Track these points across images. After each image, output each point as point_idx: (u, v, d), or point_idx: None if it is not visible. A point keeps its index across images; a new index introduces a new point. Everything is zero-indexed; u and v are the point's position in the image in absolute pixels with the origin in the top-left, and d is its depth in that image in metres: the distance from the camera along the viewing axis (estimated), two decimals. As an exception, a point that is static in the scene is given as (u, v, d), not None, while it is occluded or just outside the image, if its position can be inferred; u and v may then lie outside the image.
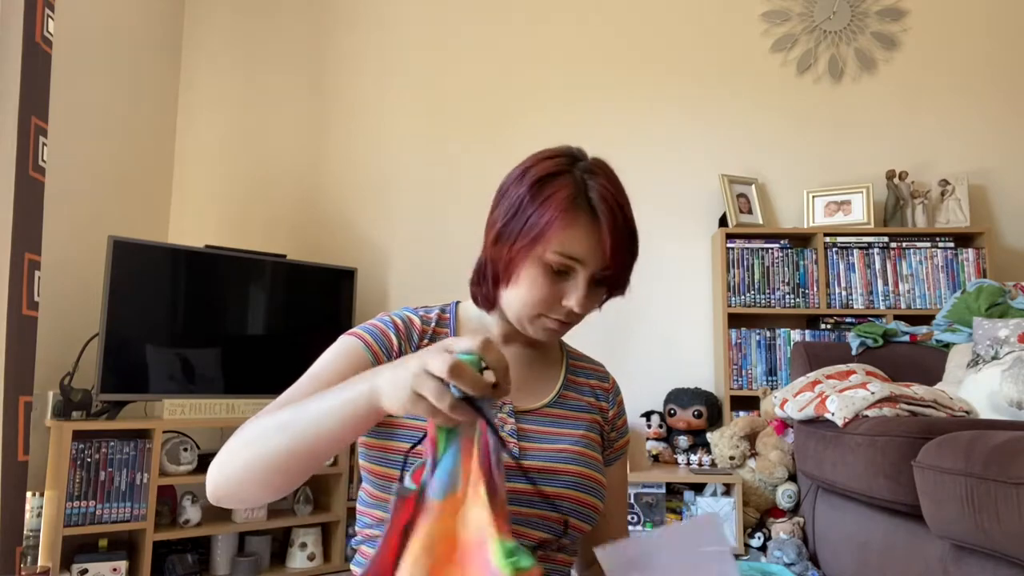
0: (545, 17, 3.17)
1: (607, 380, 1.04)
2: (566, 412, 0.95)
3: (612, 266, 0.86)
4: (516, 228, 0.86)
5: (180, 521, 2.32)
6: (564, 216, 0.83)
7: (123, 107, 2.78)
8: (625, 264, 0.89)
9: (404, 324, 0.92)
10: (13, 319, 1.78)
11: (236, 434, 0.76)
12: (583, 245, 0.84)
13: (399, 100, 3.16)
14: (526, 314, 0.88)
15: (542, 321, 0.88)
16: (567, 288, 0.86)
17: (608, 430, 1.00)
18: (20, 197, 1.81)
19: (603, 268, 0.86)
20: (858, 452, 1.73)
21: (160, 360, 2.39)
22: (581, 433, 0.93)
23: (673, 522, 2.51)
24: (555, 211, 0.83)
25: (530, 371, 0.97)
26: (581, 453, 0.90)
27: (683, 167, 3.05)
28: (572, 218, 0.84)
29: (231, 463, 0.74)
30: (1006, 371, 1.91)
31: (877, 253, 2.82)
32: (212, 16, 3.19)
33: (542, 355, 1.00)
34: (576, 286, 0.85)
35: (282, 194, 3.11)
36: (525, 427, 0.90)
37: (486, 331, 0.97)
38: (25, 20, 1.86)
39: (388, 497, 0.81)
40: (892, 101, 3.03)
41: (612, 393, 1.03)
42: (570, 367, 1.02)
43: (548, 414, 0.93)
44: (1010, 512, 1.16)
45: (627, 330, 2.96)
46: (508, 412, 0.90)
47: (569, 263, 0.84)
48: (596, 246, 0.84)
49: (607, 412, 1.00)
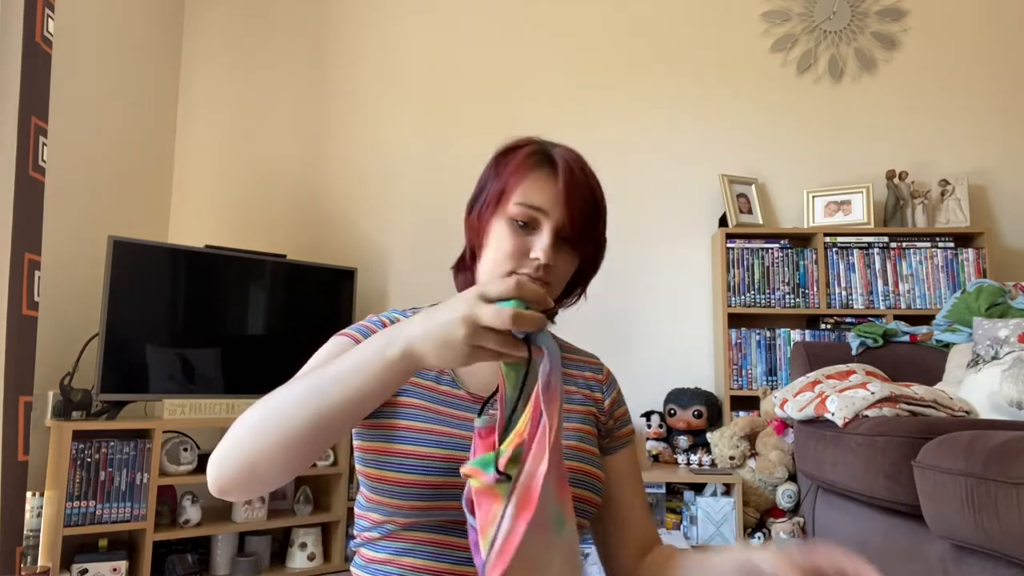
0: (545, 18, 3.17)
1: (601, 371, 1.03)
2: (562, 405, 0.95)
3: (572, 221, 0.87)
4: (484, 196, 0.92)
5: (180, 521, 2.32)
6: (525, 169, 0.89)
7: (123, 107, 2.78)
8: (587, 222, 0.90)
9: (392, 322, 0.93)
10: (13, 319, 1.78)
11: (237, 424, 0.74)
12: (543, 194, 0.87)
13: (399, 100, 3.16)
14: (500, 274, 0.88)
15: None
16: (533, 241, 0.87)
17: (605, 420, 0.98)
18: (20, 197, 1.81)
19: (566, 221, 0.87)
20: (858, 452, 1.73)
21: (160, 360, 2.39)
22: (575, 427, 0.92)
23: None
24: (516, 166, 0.90)
25: None
26: (575, 448, 0.89)
27: (683, 167, 3.06)
28: (533, 171, 0.89)
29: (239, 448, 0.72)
30: (1006, 371, 1.91)
31: (877, 253, 2.82)
32: (212, 16, 3.19)
33: None
34: (541, 237, 0.87)
35: (282, 194, 3.11)
36: None
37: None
38: (25, 20, 1.86)
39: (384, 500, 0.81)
40: (892, 101, 3.03)
41: (607, 384, 1.01)
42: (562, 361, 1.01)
43: None
44: (1010, 512, 1.16)
45: (627, 330, 2.96)
46: None
47: (532, 213, 0.87)
48: (557, 197, 0.87)
49: (602, 403, 0.99)
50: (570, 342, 1.06)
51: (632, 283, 3.00)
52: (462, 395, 0.88)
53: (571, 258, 0.92)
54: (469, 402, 0.88)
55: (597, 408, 0.98)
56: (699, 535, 2.43)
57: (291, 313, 2.70)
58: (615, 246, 1.04)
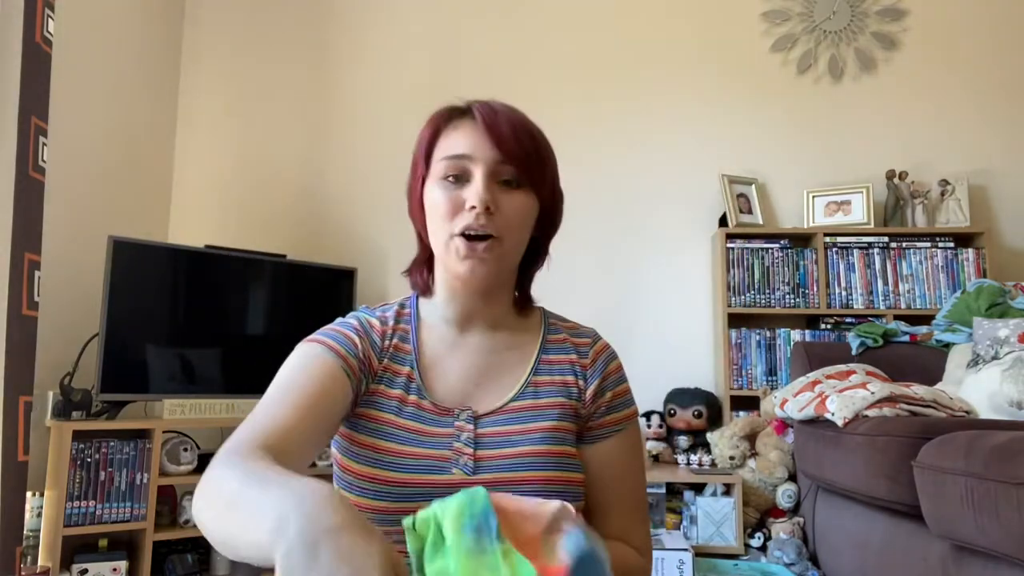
0: (546, 17, 3.17)
1: (587, 354, 0.91)
2: (536, 403, 0.87)
3: (508, 155, 0.81)
4: (412, 169, 0.90)
5: (180, 521, 2.32)
6: (439, 125, 0.86)
7: (123, 107, 2.78)
8: (526, 153, 0.83)
9: (362, 326, 0.89)
10: (13, 319, 1.78)
11: (205, 480, 0.64)
12: (465, 140, 0.83)
13: (400, 100, 3.16)
14: (442, 241, 0.83)
15: (455, 245, 0.82)
16: (468, 191, 0.82)
17: (585, 408, 0.88)
18: (20, 197, 1.81)
19: (498, 160, 0.82)
20: (858, 452, 1.73)
21: (160, 360, 2.39)
22: (550, 426, 0.85)
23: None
24: (430, 126, 0.87)
25: (498, 359, 0.90)
26: (546, 453, 0.83)
27: (683, 167, 3.05)
28: (449, 123, 0.86)
29: (207, 530, 0.61)
30: (1006, 371, 1.91)
31: (877, 253, 2.82)
32: (212, 16, 3.19)
33: (512, 338, 0.91)
34: (474, 182, 0.81)
35: (282, 194, 3.11)
36: (484, 432, 0.84)
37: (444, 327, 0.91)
38: (25, 20, 1.86)
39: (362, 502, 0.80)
40: (892, 101, 3.03)
41: (593, 368, 0.90)
42: (545, 345, 0.92)
43: (513, 410, 0.86)
44: (1010, 512, 1.16)
45: (627, 330, 2.96)
46: (466, 419, 0.85)
47: (458, 163, 0.82)
48: (480, 139, 0.82)
49: (584, 391, 0.89)
50: (566, 317, 0.98)
51: (632, 283, 3.00)
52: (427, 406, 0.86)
53: (522, 200, 0.84)
54: (434, 414, 0.85)
55: (576, 399, 0.88)
56: (699, 535, 2.43)
57: (291, 313, 2.70)
58: (615, 246, 1.05)
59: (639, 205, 3.03)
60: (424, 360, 0.89)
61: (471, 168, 0.82)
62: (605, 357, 0.92)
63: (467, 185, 0.82)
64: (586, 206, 2.97)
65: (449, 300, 0.90)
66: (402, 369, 0.88)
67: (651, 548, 0.93)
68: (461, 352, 0.90)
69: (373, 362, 0.87)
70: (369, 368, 0.86)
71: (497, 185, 0.82)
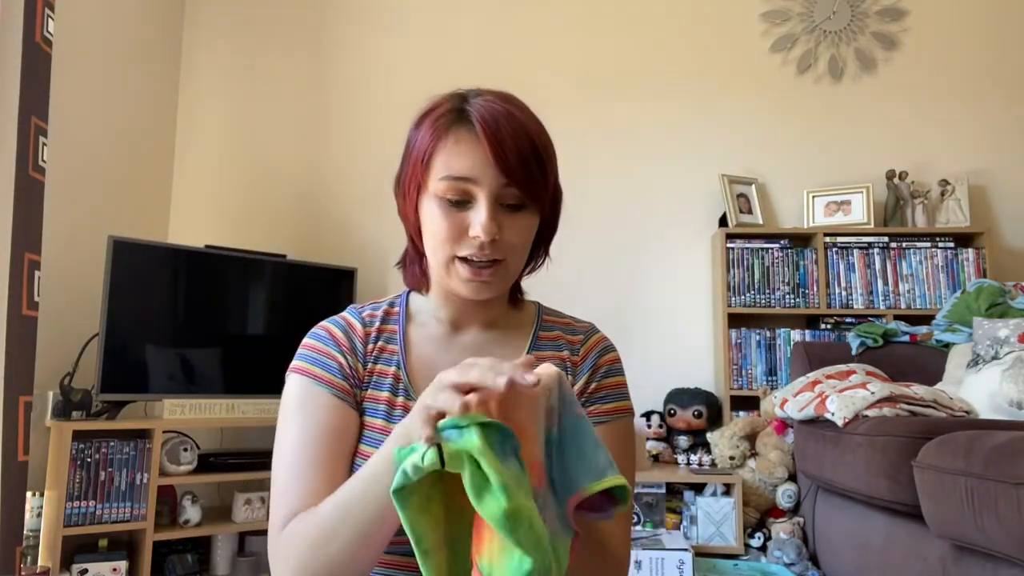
0: (546, 19, 3.17)
1: (578, 351, 0.90)
2: None
3: (512, 181, 0.76)
4: (404, 177, 0.84)
5: (180, 521, 2.32)
6: (439, 135, 0.78)
7: (123, 107, 2.77)
8: (531, 177, 0.78)
9: (344, 333, 0.88)
10: (13, 319, 1.78)
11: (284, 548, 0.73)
12: (468, 159, 0.76)
13: (400, 99, 3.15)
14: (441, 261, 0.80)
15: (456, 268, 0.80)
16: (471, 216, 0.77)
17: None
18: (20, 197, 1.81)
19: (503, 184, 0.76)
20: (858, 452, 1.73)
21: (160, 360, 2.39)
22: None
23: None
24: (428, 134, 0.79)
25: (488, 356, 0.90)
26: None
27: (683, 167, 3.05)
28: (448, 134, 0.78)
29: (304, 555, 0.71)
30: (1006, 371, 1.91)
31: (877, 253, 2.82)
32: (212, 16, 3.19)
33: (506, 335, 0.90)
34: (478, 211, 0.76)
35: (282, 194, 3.11)
36: None
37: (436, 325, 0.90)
38: (25, 20, 1.85)
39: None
40: (892, 101, 3.03)
41: (583, 364, 0.89)
42: (536, 342, 0.90)
43: None
44: (1010, 512, 1.16)
45: (627, 330, 2.96)
46: None
47: (461, 186, 0.77)
48: (483, 160, 0.76)
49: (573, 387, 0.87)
50: (563, 312, 0.97)
51: (632, 283, 3.00)
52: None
53: (527, 222, 0.81)
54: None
55: None
56: (699, 535, 2.43)
57: (291, 313, 2.70)
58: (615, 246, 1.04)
59: (639, 205, 3.03)
60: (412, 360, 0.88)
61: (474, 192, 0.77)
62: (597, 352, 0.91)
63: (469, 209, 0.78)
64: (586, 206, 2.96)
65: (443, 304, 0.90)
66: (388, 370, 0.87)
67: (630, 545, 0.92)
68: (453, 350, 0.89)
69: (359, 371, 0.86)
70: (358, 379, 0.86)
71: (500, 208, 0.79)
